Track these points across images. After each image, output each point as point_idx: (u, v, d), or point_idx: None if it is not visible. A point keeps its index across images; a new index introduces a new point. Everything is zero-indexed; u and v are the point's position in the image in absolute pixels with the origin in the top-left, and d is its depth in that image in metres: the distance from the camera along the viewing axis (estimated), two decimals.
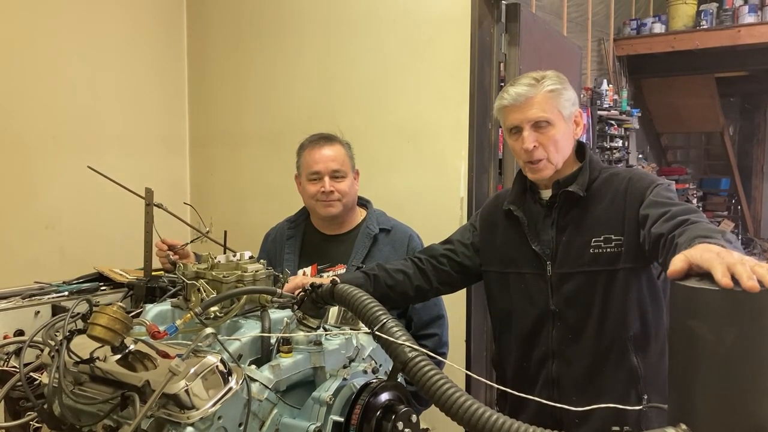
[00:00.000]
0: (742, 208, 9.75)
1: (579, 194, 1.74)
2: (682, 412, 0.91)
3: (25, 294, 1.73)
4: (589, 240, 1.73)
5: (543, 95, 1.72)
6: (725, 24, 7.26)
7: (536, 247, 1.79)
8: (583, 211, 1.76)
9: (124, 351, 1.12)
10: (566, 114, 1.75)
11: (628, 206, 1.70)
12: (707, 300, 0.88)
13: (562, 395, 1.76)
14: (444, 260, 1.92)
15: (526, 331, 1.83)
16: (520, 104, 1.74)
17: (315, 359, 1.26)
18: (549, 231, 1.78)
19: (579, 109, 1.80)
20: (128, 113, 3.39)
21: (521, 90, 1.73)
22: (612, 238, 1.70)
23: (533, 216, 1.83)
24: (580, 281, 1.73)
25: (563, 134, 1.75)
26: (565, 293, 1.76)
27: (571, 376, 1.77)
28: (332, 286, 1.24)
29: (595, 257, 1.72)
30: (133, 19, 3.40)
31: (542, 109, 1.72)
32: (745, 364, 0.86)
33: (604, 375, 1.74)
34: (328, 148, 2.17)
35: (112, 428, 1.13)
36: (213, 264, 1.44)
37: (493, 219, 1.93)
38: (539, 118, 1.72)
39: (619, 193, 1.73)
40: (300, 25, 3.27)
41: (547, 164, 1.75)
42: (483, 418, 0.94)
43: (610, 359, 1.74)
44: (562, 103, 1.73)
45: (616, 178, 1.77)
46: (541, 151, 1.74)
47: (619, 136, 6.96)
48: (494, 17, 2.85)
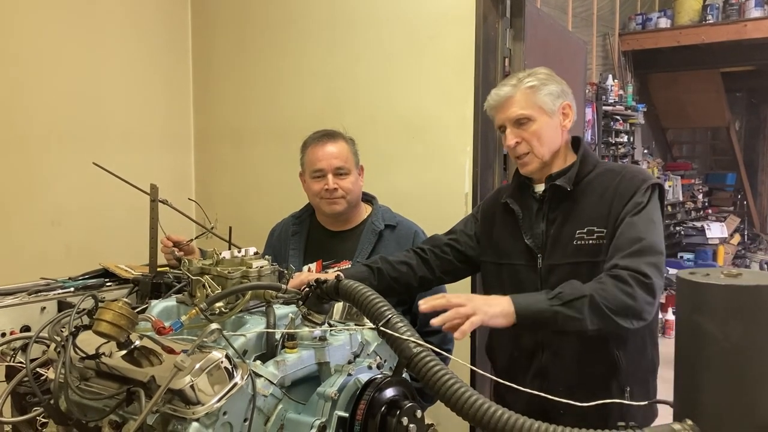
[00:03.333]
0: (748, 203, 9.73)
1: (566, 187, 1.78)
2: (688, 407, 0.90)
3: (31, 290, 1.74)
4: (574, 232, 1.77)
5: (522, 93, 1.80)
6: (731, 18, 7.23)
7: (528, 240, 1.83)
8: (572, 204, 1.80)
9: (129, 347, 1.13)
10: (548, 108, 1.80)
11: (615, 202, 1.74)
12: (713, 295, 0.88)
13: (550, 386, 1.78)
14: (447, 249, 1.97)
15: None
16: (502, 105, 1.82)
17: (320, 355, 1.26)
18: (540, 224, 1.83)
19: (567, 101, 1.84)
20: (133, 110, 3.39)
21: (501, 91, 1.82)
22: (594, 230, 1.75)
23: (528, 209, 1.87)
24: (565, 272, 1.75)
25: (547, 127, 1.80)
26: (551, 284, 1.77)
27: (559, 367, 1.81)
28: (337, 281, 1.24)
29: (578, 249, 1.76)
30: (138, 15, 3.40)
31: (521, 107, 1.79)
32: (751, 360, 0.85)
33: (588, 367, 1.78)
34: (332, 145, 2.16)
35: (118, 423, 1.13)
36: (218, 260, 1.44)
37: (492, 211, 1.98)
38: (518, 115, 1.79)
39: (610, 189, 1.77)
40: (304, 22, 3.27)
41: (533, 158, 1.81)
42: (488, 413, 0.94)
43: (592, 351, 1.76)
44: (541, 98, 1.79)
45: (610, 174, 1.81)
46: (524, 145, 1.81)
47: (625, 132, 6.95)
48: (499, 12, 2.84)
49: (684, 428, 0.88)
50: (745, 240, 9.43)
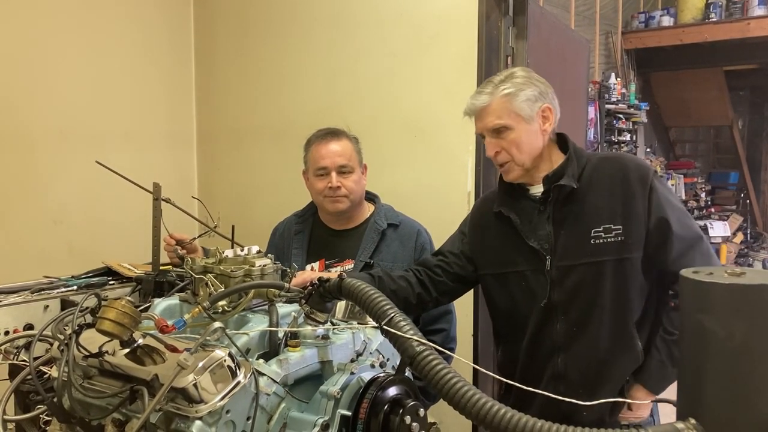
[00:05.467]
0: (751, 202, 9.70)
1: (572, 186, 1.75)
2: (692, 406, 0.90)
3: (34, 288, 1.74)
4: (589, 231, 1.74)
5: (498, 101, 1.76)
6: (734, 16, 7.21)
7: (533, 243, 1.79)
8: (579, 202, 1.77)
9: (132, 345, 1.12)
10: (526, 114, 1.76)
11: (628, 197, 1.72)
12: (717, 294, 0.87)
13: (568, 388, 1.77)
14: (439, 271, 1.93)
15: (530, 329, 1.83)
16: (479, 114, 1.80)
17: (323, 353, 1.26)
18: (545, 226, 1.79)
19: (546, 104, 1.79)
20: (136, 108, 3.39)
21: (477, 101, 1.80)
22: (611, 228, 1.72)
23: (526, 213, 1.83)
24: (582, 273, 1.74)
25: (526, 134, 1.76)
26: (567, 286, 1.76)
27: (578, 369, 1.78)
28: (340, 280, 1.24)
29: (597, 248, 1.73)
30: (140, 14, 3.40)
31: (497, 116, 1.76)
32: (754, 359, 0.85)
33: (611, 364, 1.76)
34: (335, 143, 2.16)
35: (121, 422, 1.13)
36: (221, 258, 1.44)
37: (483, 222, 1.94)
38: (495, 125, 1.77)
39: (616, 181, 1.75)
40: (306, 20, 3.26)
41: (513, 166, 1.79)
42: (491, 411, 0.94)
43: (616, 347, 1.75)
44: (518, 105, 1.75)
45: (607, 164, 1.79)
46: (504, 154, 1.79)
47: (627, 130, 6.94)
48: (501, 11, 2.83)
49: (687, 427, 0.87)
50: (748, 239, 9.41)
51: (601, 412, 1.74)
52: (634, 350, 1.75)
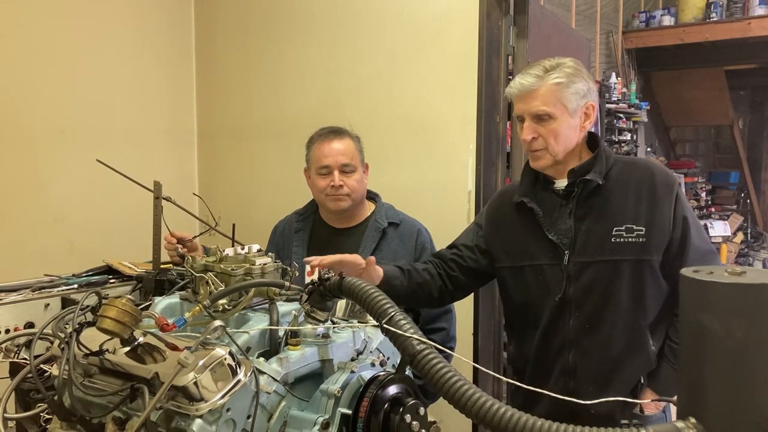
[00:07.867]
0: (752, 201, 9.69)
1: (597, 182, 1.73)
2: (692, 405, 0.90)
3: (35, 286, 1.74)
4: (611, 229, 1.72)
5: (547, 88, 1.71)
6: (735, 16, 7.20)
7: (553, 236, 1.77)
8: (603, 199, 1.75)
9: (133, 343, 1.12)
10: (572, 107, 1.73)
11: (653, 203, 1.72)
12: (717, 293, 0.87)
13: (578, 385, 1.77)
14: (453, 265, 1.93)
15: (543, 322, 1.82)
16: (524, 95, 1.74)
17: (323, 352, 1.26)
18: (567, 220, 1.77)
19: (591, 101, 1.77)
20: (136, 107, 3.39)
21: (526, 81, 1.73)
22: (633, 229, 1.71)
23: (548, 206, 1.81)
24: (599, 270, 1.73)
25: (566, 127, 1.74)
26: (583, 282, 1.75)
27: (588, 366, 1.77)
28: (340, 279, 1.24)
29: (617, 246, 1.72)
30: (141, 12, 3.40)
31: (544, 102, 1.71)
32: (755, 358, 0.85)
33: (621, 363, 1.75)
34: (338, 141, 2.16)
35: (122, 420, 1.13)
36: (221, 257, 1.44)
37: (501, 215, 1.92)
38: (540, 111, 1.72)
39: (643, 185, 1.74)
40: (307, 19, 3.26)
41: (546, 154, 1.76)
42: (492, 410, 0.94)
43: (628, 347, 1.75)
44: (567, 97, 1.72)
45: (635, 168, 1.78)
46: (541, 141, 1.75)
47: (628, 130, 6.92)
48: (502, 9, 2.83)
49: (688, 426, 0.87)
50: (748, 238, 9.41)
51: (611, 410, 1.73)
52: (646, 352, 1.75)
